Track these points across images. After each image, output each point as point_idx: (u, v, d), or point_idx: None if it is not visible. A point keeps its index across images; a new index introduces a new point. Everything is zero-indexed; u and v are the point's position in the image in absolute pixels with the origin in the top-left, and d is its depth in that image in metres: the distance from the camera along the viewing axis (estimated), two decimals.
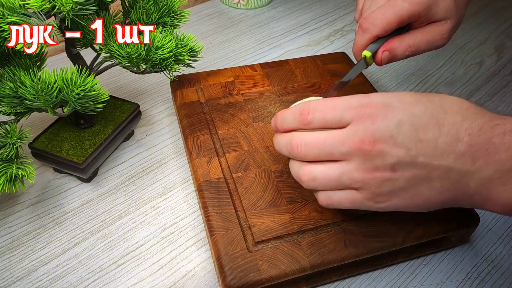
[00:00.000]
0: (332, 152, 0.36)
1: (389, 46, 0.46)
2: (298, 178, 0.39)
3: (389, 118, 0.34)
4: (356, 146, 0.35)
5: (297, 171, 0.38)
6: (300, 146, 0.37)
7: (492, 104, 0.63)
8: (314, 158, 0.37)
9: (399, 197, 0.36)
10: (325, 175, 0.37)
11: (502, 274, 0.44)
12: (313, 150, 0.36)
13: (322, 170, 0.37)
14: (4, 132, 0.41)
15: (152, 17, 0.49)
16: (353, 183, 0.36)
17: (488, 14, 0.84)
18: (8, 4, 0.36)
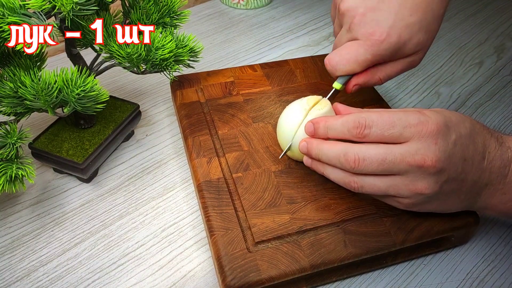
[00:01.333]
0: (390, 169, 0.37)
1: (360, 80, 0.46)
2: (345, 184, 0.40)
3: (447, 138, 0.37)
4: (418, 164, 0.36)
5: (344, 178, 0.40)
6: (358, 160, 0.37)
7: (492, 104, 0.63)
8: (370, 172, 0.38)
9: (429, 205, 0.39)
10: (374, 187, 0.38)
11: (502, 274, 0.44)
12: (371, 165, 0.37)
13: (372, 182, 0.38)
14: (4, 132, 0.41)
15: (152, 18, 0.49)
16: (398, 194, 0.38)
17: (488, 14, 0.84)
18: (9, 4, 0.36)
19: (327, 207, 0.43)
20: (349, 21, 0.45)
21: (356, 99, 0.55)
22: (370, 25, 0.43)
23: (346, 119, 0.39)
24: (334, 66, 0.45)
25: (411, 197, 0.38)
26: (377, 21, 0.43)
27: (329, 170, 0.41)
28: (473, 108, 0.63)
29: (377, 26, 0.43)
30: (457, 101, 0.64)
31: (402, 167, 0.36)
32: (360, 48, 0.44)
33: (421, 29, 0.43)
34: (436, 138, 0.36)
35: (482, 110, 0.62)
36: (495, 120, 0.61)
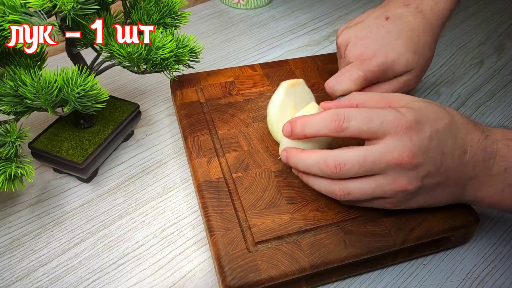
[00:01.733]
0: (371, 169, 0.37)
1: None
2: (330, 193, 0.40)
3: (422, 134, 0.37)
4: (396, 161, 0.37)
5: (328, 187, 0.40)
6: (339, 165, 0.37)
7: (492, 104, 0.63)
8: (353, 175, 0.38)
9: (416, 201, 0.40)
10: (360, 190, 0.38)
11: (502, 274, 0.44)
12: (353, 168, 0.37)
13: (357, 186, 0.38)
14: (4, 131, 0.41)
15: (153, 18, 0.49)
16: (384, 195, 0.39)
17: (488, 14, 0.84)
18: (10, 2, 0.36)
19: (327, 207, 0.43)
20: (343, 50, 0.51)
21: None
22: (360, 48, 0.49)
23: (324, 114, 0.39)
24: (332, 87, 0.49)
25: (397, 196, 0.38)
26: (366, 45, 0.49)
27: (312, 179, 0.41)
28: (473, 108, 0.63)
29: (365, 49, 0.49)
30: (457, 101, 0.64)
31: (382, 166, 0.37)
32: (352, 68, 0.48)
33: (408, 50, 0.48)
34: (411, 134, 0.37)
35: (482, 110, 0.62)
36: (495, 120, 0.61)
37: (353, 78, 0.48)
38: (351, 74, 0.48)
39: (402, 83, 0.50)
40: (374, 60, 0.48)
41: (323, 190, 0.40)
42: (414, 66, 0.49)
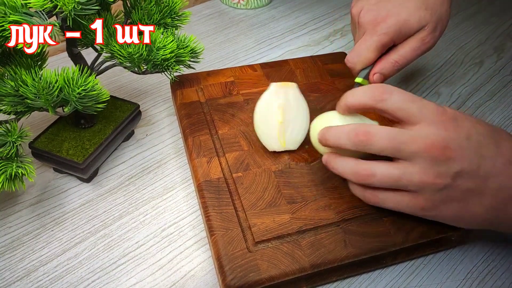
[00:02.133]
0: (400, 150, 0.36)
1: (377, 68, 0.50)
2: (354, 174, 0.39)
3: (460, 130, 0.37)
4: (426, 148, 0.36)
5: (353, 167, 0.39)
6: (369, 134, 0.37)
7: (492, 104, 0.63)
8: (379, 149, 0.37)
9: (448, 208, 0.38)
10: (386, 172, 0.37)
11: (502, 274, 0.44)
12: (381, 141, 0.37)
13: (383, 168, 0.37)
14: (5, 130, 0.41)
15: (153, 18, 0.49)
16: (410, 186, 0.37)
17: (488, 14, 0.84)
18: (10, 3, 0.36)
19: (327, 207, 0.43)
20: (357, 20, 0.51)
21: None
22: (372, 14, 0.49)
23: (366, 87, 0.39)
24: (352, 61, 0.50)
25: (424, 190, 0.37)
26: (377, 10, 0.49)
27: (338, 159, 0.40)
28: (473, 108, 0.63)
29: (378, 13, 0.49)
30: (457, 101, 0.64)
31: (412, 150, 0.36)
32: (367, 36, 0.49)
33: (419, 7, 0.48)
34: (448, 126, 0.36)
35: (482, 110, 0.62)
36: (495, 120, 0.61)
37: (370, 46, 0.48)
38: (366, 42, 0.49)
39: (419, 41, 0.49)
40: (387, 21, 0.48)
41: (347, 170, 0.39)
42: (428, 21, 0.48)
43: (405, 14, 0.48)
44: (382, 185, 0.38)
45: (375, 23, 0.49)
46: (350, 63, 0.50)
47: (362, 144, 0.37)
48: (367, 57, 0.49)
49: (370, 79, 0.50)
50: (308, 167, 0.47)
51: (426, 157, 0.36)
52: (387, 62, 0.49)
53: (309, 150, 0.49)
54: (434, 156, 0.35)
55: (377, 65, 0.50)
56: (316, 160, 0.48)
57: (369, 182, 0.38)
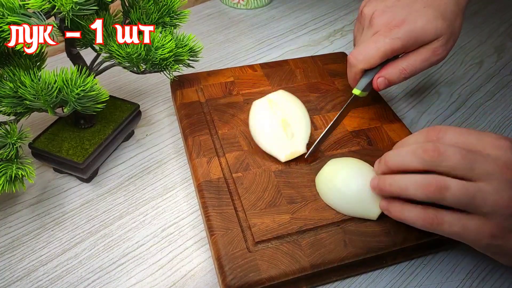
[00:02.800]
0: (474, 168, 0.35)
1: (383, 72, 0.47)
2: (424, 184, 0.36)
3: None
4: (500, 168, 0.34)
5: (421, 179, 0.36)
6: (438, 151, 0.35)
7: (492, 104, 0.63)
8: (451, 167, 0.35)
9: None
10: (461, 187, 0.35)
11: (502, 274, 0.44)
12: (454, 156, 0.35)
13: (458, 182, 0.35)
14: (4, 132, 0.41)
15: (152, 17, 0.49)
16: (484, 207, 0.34)
17: (488, 14, 0.83)
18: (8, 4, 0.36)
19: (327, 207, 0.43)
20: (369, 19, 0.49)
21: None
22: (388, 16, 0.47)
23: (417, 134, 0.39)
24: (356, 58, 0.47)
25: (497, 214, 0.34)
26: (394, 13, 0.47)
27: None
28: (473, 108, 0.63)
29: (394, 16, 0.47)
30: (457, 101, 0.64)
31: (486, 167, 0.34)
32: (379, 37, 0.46)
33: (437, 17, 0.46)
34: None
35: (482, 110, 0.62)
36: (495, 120, 0.61)
37: (379, 47, 0.46)
38: (377, 43, 0.46)
39: (431, 52, 0.47)
40: (403, 26, 0.46)
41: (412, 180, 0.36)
42: (444, 32, 0.46)
43: (422, 22, 0.46)
44: (453, 202, 0.35)
45: (390, 26, 0.46)
46: (354, 59, 0.48)
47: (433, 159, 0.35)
48: (373, 57, 0.46)
49: (373, 83, 0.48)
50: (308, 167, 0.47)
51: (500, 178, 0.34)
52: (395, 68, 0.47)
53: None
54: (508, 178, 0.34)
55: (384, 69, 0.48)
56: (316, 160, 0.48)
57: (440, 196, 0.35)
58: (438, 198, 0.35)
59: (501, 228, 0.35)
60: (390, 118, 0.53)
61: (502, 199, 0.34)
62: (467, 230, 0.36)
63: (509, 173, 0.34)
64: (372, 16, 0.48)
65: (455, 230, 0.36)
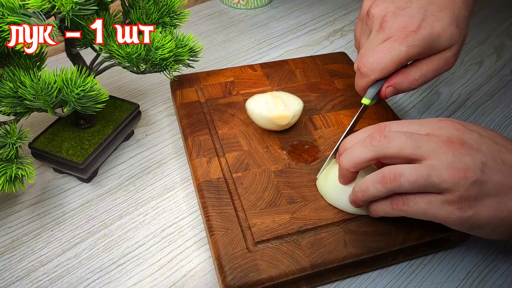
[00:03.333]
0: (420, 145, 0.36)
1: (393, 81, 0.45)
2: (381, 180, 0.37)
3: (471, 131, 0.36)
4: (445, 143, 0.35)
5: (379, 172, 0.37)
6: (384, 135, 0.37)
7: (491, 104, 0.63)
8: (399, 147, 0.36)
9: (484, 205, 0.35)
10: (414, 171, 0.35)
11: (502, 274, 0.44)
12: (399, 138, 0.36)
13: (411, 167, 0.36)
14: (4, 132, 0.41)
15: (152, 17, 0.49)
16: (442, 183, 0.35)
17: (488, 14, 0.83)
18: (8, 4, 0.36)
19: (327, 207, 0.43)
20: (379, 21, 0.45)
21: (356, 98, 0.55)
22: (403, 19, 0.44)
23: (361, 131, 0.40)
24: (369, 67, 0.44)
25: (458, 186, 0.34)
26: (409, 16, 0.44)
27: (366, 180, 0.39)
28: (473, 108, 0.63)
29: (410, 20, 0.43)
30: (457, 101, 0.64)
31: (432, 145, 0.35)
32: (393, 43, 0.43)
33: (452, 23, 0.44)
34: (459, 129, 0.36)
35: (482, 110, 0.62)
36: (495, 120, 0.61)
37: (395, 56, 0.43)
38: (391, 50, 0.43)
39: (443, 61, 0.45)
40: (419, 33, 0.43)
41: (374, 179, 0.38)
42: (457, 40, 0.44)
43: (439, 27, 0.43)
44: (410, 187, 0.36)
45: (406, 32, 0.43)
46: (366, 68, 0.44)
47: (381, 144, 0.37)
48: (388, 67, 0.43)
49: (381, 92, 0.45)
50: (308, 167, 0.47)
51: (448, 152, 0.35)
52: (406, 78, 0.45)
53: (309, 150, 0.49)
54: (456, 148, 0.35)
55: (393, 78, 0.45)
56: (316, 160, 0.48)
57: (397, 184, 0.36)
58: (396, 187, 0.36)
59: (466, 199, 0.35)
60: (390, 118, 0.53)
61: (457, 170, 0.34)
62: (432, 205, 0.36)
63: (454, 146, 0.35)
64: (384, 18, 0.45)
65: (422, 207, 0.36)
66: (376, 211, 0.40)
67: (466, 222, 0.36)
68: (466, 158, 0.35)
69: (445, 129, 0.37)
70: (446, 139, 0.35)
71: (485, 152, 0.35)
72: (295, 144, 0.49)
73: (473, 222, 0.36)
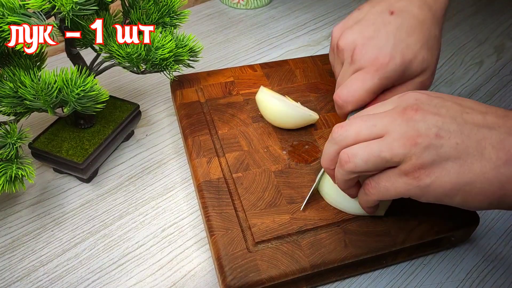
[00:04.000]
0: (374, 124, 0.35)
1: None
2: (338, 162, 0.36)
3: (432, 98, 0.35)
4: (399, 112, 0.34)
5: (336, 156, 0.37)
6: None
7: (492, 104, 0.63)
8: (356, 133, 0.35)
9: (444, 170, 0.32)
10: (366, 149, 0.34)
11: (502, 274, 0.44)
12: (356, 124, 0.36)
13: (362, 145, 0.35)
14: (4, 132, 0.41)
15: (152, 17, 0.49)
16: (394, 157, 0.33)
17: (488, 14, 0.84)
18: (8, 4, 0.36)
19: (327, 207, 0.43)
20: (350, 54, 0.45)
21: None
22: (372, 51, 0.44)
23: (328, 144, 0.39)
24: (345, 100, 0.44)
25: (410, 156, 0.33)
26: (378, 47, 0.44)
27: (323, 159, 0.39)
28: None
29: (379, 51, 0.43)
30: None
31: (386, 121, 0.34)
32: (366, 75, 0.43)
33: (422, 46, 0.44)
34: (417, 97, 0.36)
35: None
36: None
37: (367, 88, 0.43)
38: (364, 83, 0.43)
39: (419, 85, 0.45)
40: (391, 64, 0.43)
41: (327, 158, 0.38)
42: (429, 64, 0.45)
43: (410, 54, 0.43)
44: (368, 168, 0.35)
45: (376, 63, 0.43)
46: (341, 101, 0.45)
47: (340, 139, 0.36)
48: (362, 99, 0.44)
49: None
50: (308, 167, 0.47)
51: (401, 121, 0.34)
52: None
53: (309, 150, 0.49)
54: (409, 116, 0.33)
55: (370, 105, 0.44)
56: (316, 160, 0.48)
57: (352, 164, 0.35)
58: (352, 168, 0.35)
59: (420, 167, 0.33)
60: None
61: (408, 139, 0.33)
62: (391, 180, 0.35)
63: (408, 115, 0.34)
64: (354, 51, 0.45)
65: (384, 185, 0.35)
66: (361, 203, 0.39)
67: (429, 192, 0.33)
68: (419, 124, 0.33)
69: (405, 100, 0.35)
70: (401, 109, 0.34)
71: (444, 114, 0.33)
72: (295, 144, 0.49)
73: (437, 191, 0.33)
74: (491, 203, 0.33)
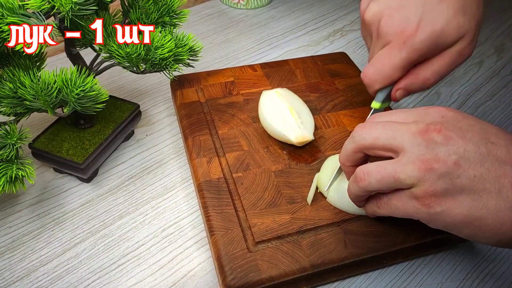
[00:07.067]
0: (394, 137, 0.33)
1: (403, 83, 0.42)
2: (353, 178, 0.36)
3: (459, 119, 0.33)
4: (420, 131, 0.32)
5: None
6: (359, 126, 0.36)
7: (492, 104, 0.63)
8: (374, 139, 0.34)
9: (456, 201, 0.31)
10: (380, 168, 0.33)
11: (502, 274, 0.44)
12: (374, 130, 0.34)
13: (377, 164, 0.34)
14: (4, 132, 0.41)
15: (151, 17, 0.49)
16: (408, 179, 0.32)
17: (488, 14, 0.83)
18: (7, 4, 0.36)
19: (327, 207, 0.43)
20: (376, 27, 0.43)
21: (356, 98, 0.55)
22: (398, 22, 0.40)
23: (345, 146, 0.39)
24: (371, 78, 0.42)
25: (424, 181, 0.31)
26: (405, 17, 0.40)
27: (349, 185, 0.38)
28: (473, 108, 0.63)
29: (407, 22, 0.40)
30: (457, 101, 0.64)
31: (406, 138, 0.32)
32: (393, 50, 0.41)
33: (457, 11, 0.39)
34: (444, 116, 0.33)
35: (482, 110, 0.62)
36: (495, 120, 0.61)
37: (396, 64, 0.40)
38: (391, 59, 0.40)
39: (456, 54, 0.41)
40: (419, 35, 0.39)
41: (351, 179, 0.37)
42: (467, 30, 0.40)
43: (441, 22, 0.39)
44: (380, 187, 0.34)
45: (403, 35, 0.40)
46: (368, 79, 0.42)
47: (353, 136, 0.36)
48: (390, 76, 0.41)
49: (392, 95, 0.43)
50: (308, 167, 0.47)
51: (421, 141, 0.32)
52: (417, 79, 0.42)
53: (309, 150, 0.49)
54: (430, 137, 0.31)
55: (403, 80, 0.42)
56: (316, 160, 0.48)
57: (366, 182, 0.34)
58: (366, 185, 0.35)
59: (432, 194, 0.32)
60: None
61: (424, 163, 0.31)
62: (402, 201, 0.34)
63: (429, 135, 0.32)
64: (379, 24, 0.42)
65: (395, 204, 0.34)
66: (367, 211, 0.39)
67: (437, 220, 0.33)
68: (439, 148, 0.31)
69: (430, 115, 0.34)
70: (423, 127, 0.32)
71: (468, 140, 0.31)
72: None
73: (446, 220, 0.32)
74: (500, 242, 0.32)
